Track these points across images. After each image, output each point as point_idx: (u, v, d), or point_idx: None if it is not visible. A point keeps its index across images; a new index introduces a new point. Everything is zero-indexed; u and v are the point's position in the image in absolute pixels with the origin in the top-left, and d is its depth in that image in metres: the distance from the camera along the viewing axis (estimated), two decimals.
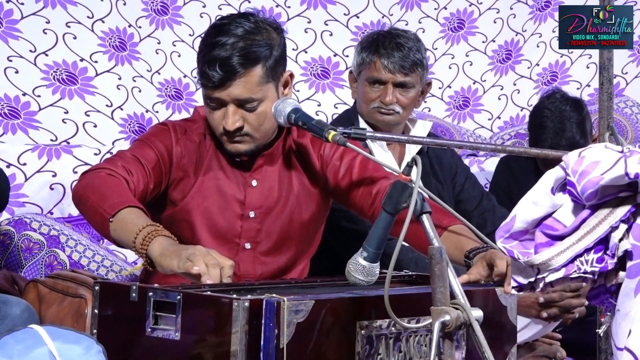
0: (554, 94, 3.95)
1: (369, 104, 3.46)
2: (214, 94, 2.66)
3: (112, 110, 3.85)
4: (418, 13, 4.54)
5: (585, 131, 3.81)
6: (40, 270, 3.46)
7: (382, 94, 3.43)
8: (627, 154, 1.82)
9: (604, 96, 2.70)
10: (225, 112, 2.67)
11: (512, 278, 1.94)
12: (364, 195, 2.79)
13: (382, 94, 3.43)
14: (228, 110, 2.67)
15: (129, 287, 2.19)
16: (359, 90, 3.51)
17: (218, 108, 2.68)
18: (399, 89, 3.44)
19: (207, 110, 2.72)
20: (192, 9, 4.15)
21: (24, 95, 3.73)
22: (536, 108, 3.95)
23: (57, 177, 3.64)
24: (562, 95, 3.92)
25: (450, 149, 3.66)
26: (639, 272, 1.81)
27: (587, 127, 3.84)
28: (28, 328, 2.03)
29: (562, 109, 3.82)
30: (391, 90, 3.42)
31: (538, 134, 3.85)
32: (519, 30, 4.73)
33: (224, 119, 2.67)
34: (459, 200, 3.59)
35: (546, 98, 3.94)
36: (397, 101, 3.43)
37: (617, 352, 1.85)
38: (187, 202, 2.73)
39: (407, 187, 2.16)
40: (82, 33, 3.83)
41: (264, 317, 2.02)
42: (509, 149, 3.06)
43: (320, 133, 2.60)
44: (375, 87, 3.45)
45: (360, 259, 2.21)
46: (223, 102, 2.67)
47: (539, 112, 3.89)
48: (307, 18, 4.22)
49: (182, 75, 4.07)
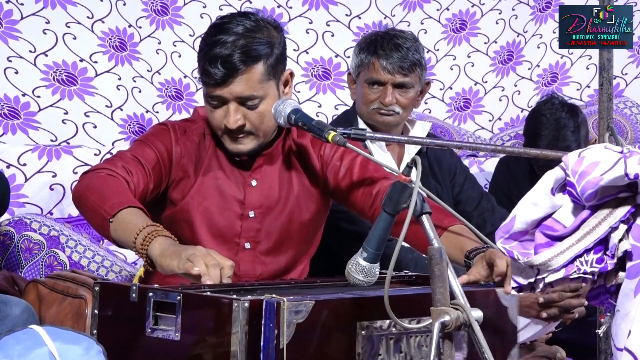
0: (551, 99, 3.95)
1: (369, 105, 3.46)
2: (215, 91, 2.66)
3: (112, 110, 3.85)
4: (420, 14, 4.53)
5: (580, 138, 3.81)
6: (41, 271, 3.46)
7: (381, 95, 3.44)
8: (626, 154, 1.82)
9: (604, 97, 2.70)
10: (226, 110, 2.68)
11: (512, 278, 1.94)
12: (364, 195, 2.79)
13: (382, 95, 3.43)
14: (229, 109, 2.67)
15: (129, 287, 2.19)
16: (358, 92, 3.51)
17: (219, 106, 2.69)
18: (398, 90, 3.44)
19: (208, 109, 2.72)
20: (193, 9, 4.15)
21: (24, 96, 3.73)
22: (532, 113, 3.95)
23: (57, 177, 3.64)
24: (559, 101, 3.92)
25: (449, 150, 3.66)
26: (639, 272, 1.82)
27: (583, 133, 3.84)
28: (28, 328, 2.03)
29: (558, 116, 3.82)
30: (391, 91, 3.42)
31: (533, 140, 3.86)
32: (521, 31, 4.72)
33: (226, 117, 2.67)
34: (458, 201, 3.59)
35: (543, 104, 3.94)
36: (396, 102, 3.43)
37: (617, 352, 1.85)
38: (186, 202, 2.73)
39: (406, 188, 2.16)
40: (82, 33, 3.82)
41: (263, 317, 2.02)
42: (508, 150, 3.06)
43: (320, 134, 2.61)
44: (374, 88, 3.45)
45: (360, 259, 2.21)
46: (224, 100, 2.67)
47: (535, 119, 3.90)
48: (308, 19, 4.22)
49: (182, 76, 4.07)
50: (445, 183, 3.59)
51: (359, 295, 2.22)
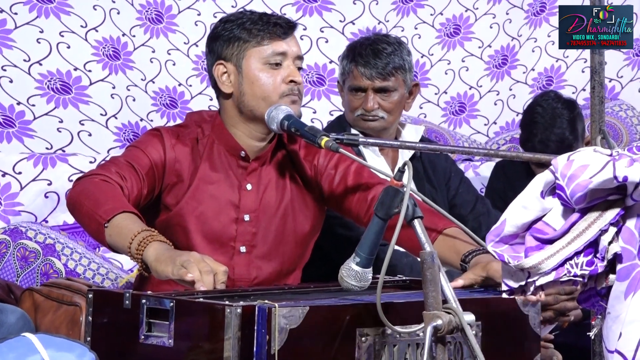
0: (548, 92, 4.02)
1: (354, 111, 3.46)
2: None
3: (107, 119, 3.85)
4: (414, 19, 4.52)
5: (576, 129, 3.83)
6: (36, 279, 3.46)
7: (363, 101, 3.44)
8: (615, 157, 1.83)
9: (596, 100, 2.71)
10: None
11: (503, 282, 1.95)
12: (359, 202, 2.80)
13: (364, 101, 3.44)
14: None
15: (122, 294, 2.19)
16: (344, 99, 3.53)
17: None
18: (380, 94, 3.43)
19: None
20: (187, 17, 4.15)
21: (19, 104, 3.73)
22: (529, 106, 4.00)
23: (52, 185, 3.64)
24: (555, 94, 3.97)
25: (443, 154, 3.67)
26: (629, 274, 1.82)
27: (579, 126, 3.86)
28: (21, 336, 2.03)
29: (554, 106, 3.86)
30: (372, 97, 3.42)
31: (529, 130, 3.88)
32: (515, 35, 4.71)
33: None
34: (454, 205, 3.59)
35: (539, 96, 3.99)
36: (379, 106, 3.43)
37: (608, 354, 1.85)
38: (181, 206, 2.74)
39: (398, 193, 2.16)
40: (75, 42, 3.82)
41: (256, 323, 2.02)
42: (502, 154, 3.07)
43: (313, 139, 2.61)
44: (357, 95, 3.45)
45: (353, 264, 2.21)
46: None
47: (531, 109, 3.94)
48: (302, 25, 4.22)
49: (177, 84, 4.07)
50: (440, 187, 3.59)
51: (352, 300, 2.22)
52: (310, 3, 4.14)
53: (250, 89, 2.76)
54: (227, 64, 2.80)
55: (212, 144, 2.78)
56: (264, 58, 2.76)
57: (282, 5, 4.15)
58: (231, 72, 2.79)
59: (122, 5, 3.95)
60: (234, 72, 2.78)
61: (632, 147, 1.87)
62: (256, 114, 2.76)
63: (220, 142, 2.79)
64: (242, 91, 2.77)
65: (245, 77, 2.77)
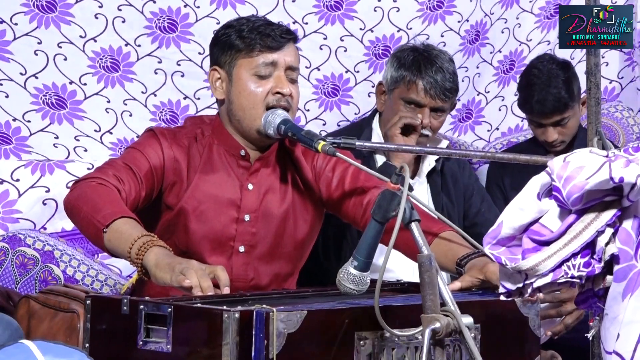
0: (543, 55, 4.09)
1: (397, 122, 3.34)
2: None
3: (101, 134, 3.78)
4: (441, 26, 4.36)
5: (572, 89, 3.90)
6: (35, 286, 3.46)
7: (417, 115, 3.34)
8: (612, 158, 1.83)
9: (592, 101, 2.71)
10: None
11: (501, 284, 1.95)
12: (355, 205, 2.81)
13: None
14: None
15: (120, 300, 2.19)
16: (388, 105, 3.43)
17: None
18: (433, 113, 3.37)
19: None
20: (204, 26, 3.95)
21: (15, 121, 3.69)
22: (525, 69, 4.06)
23: (50, 192, 3.63)
24: (550, 56, 4.04)
25: (468, 170, 3.63)
26: (626, 275, 1.82)
27: (574, 86, 3.92)
28: (19, 343, 2.03)
29: (549, 67, 3.93)
30: (428, 114, 3.36)
31: (526, 92, 3.93)
32: (524, 40, 4.64)
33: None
34: (475, 224, 3.52)
35: (535, 59, 4.04)
36: (429, 124, 3.37)
37: (607, 355, 1.86)
38: (182, 206, 2.74)
39: (395, 196, 2.16)
40: (72, 54, 3.74)
41: (254, 328, 2.02)
42: (498, 156, 3.07)
43: (310, 144, 2.62)
44: (409, 107, 3.37)
45: (351, 268, 2.21)
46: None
47: (527, 72, 3.99)
48: (323, 34, 4.09)
49: (182, 97, 3.92)
50: (458, 202, 3.53)
51: (350, 304, 2.22)
52: (333, 11, 4.02)
53: (237, 99, 2.76)
54: (220, 70, 2.80)
55: (212, 144, 2.79)
56: (253, 69, 2.75)
57: (305, 14, 4.01)
58: (224, 79, 2.80)
59: (128, 13, 3.79)
60: (226, 80, 2.79)
61: (628, 148, 1.88)
62: (243, 125, 2.76)
63: (220, 143, 2.80)
64: (231, 99, 2.78)
65: (234, 86, 2.77)
